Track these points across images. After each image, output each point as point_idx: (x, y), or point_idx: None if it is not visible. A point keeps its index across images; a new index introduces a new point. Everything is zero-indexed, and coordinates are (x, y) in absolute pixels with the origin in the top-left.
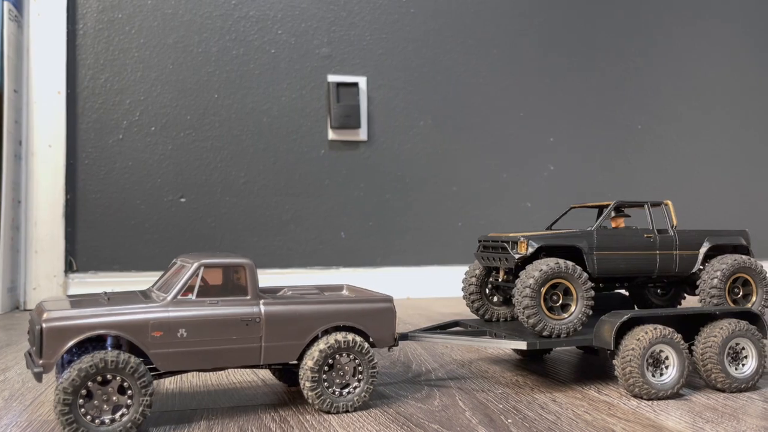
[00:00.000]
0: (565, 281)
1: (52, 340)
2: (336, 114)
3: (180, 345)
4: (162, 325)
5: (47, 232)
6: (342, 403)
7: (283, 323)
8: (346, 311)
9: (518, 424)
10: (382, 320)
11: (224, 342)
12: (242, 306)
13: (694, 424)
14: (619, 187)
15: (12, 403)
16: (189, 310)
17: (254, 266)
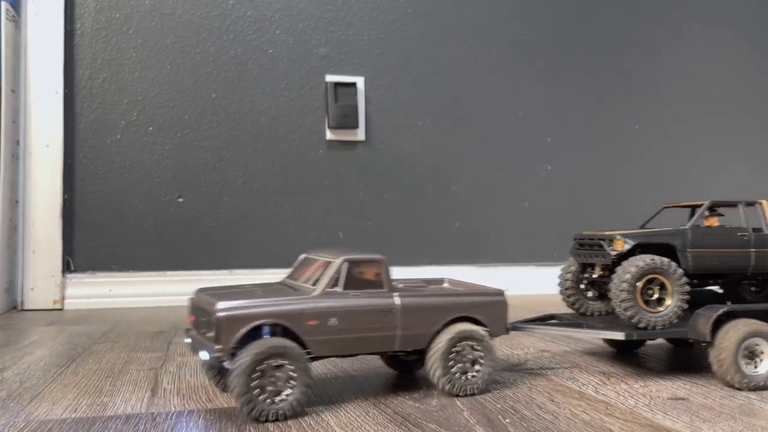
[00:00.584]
0: (660, 276)
1: (228, 328)
2: (334, 114)
3: (331, 332)
4: (316, 314)
5: (45, 232)
6: (468, 386)
7: (415, 313)
8: (468, 303)
9: (516, 424)
10: (497, 312)
11: (367, 330)
12: (380, 297)
13: (692, 424)
14: (617, 187)
15: (9, 404)
16: (338, 301)
17: (386, 261)
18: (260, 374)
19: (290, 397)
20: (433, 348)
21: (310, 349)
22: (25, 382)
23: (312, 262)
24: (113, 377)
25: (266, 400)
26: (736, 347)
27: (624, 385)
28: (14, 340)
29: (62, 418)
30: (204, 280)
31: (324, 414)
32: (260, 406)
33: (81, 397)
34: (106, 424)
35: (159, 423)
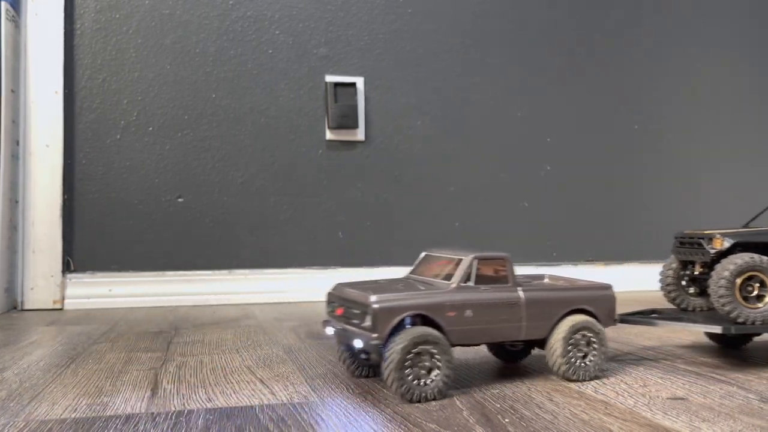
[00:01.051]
0: (760, 274)
1: (384, 319)
2: (334, 114)
3: (467, 323)
4: (455, 306)
5: (45, 232)
6: (583, 372)
7: (537, 306)
8: (582, 297)
9: (515, 423)
10: (606, 304)
11: (497, 321)
12: (507, 291)
13: (691, 423)
14: (617, 187)
15: (9, 403)
16: (471, 294)
17: (510, 258)
18: (412, 360)
19: (436, 380)
20: (554, 337)
21: (449, 338)
22: (25, 382)
23: (436, 260)
24: (113, 377)
25: (416, 382)
26: None
27: (623, 385)
28: (14, 340)
29: (62, 418)
30: (204, 280)
31: (323, 413)
32: (411, 388)
33: (81, 397)
34: (106, 423)
35: (159, 423)
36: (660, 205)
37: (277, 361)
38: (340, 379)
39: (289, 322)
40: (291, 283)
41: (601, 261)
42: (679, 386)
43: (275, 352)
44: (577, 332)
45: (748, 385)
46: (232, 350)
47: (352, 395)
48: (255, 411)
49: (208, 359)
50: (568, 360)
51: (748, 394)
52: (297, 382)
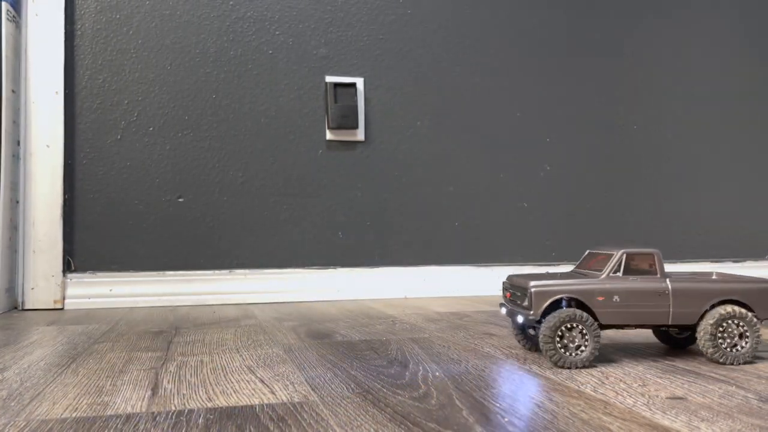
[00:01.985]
0: None
1: (537, 300)
2: (334, 114)
3: (615, 307)
4: (603, 292)
5: (45, 232)
6: (731, 357)
7: (684, 295)
8: (731, 289)
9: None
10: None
11: (644, 306)
12: (654, 282)
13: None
14: (617, 188)
15: (10, 403)
16: (619, 282)
17: (660, 254)
18: (562, 333)
19: (583, 353)
20: (703, 324)
21: (599, 319)
22: (26, 382)
23: (595, 256)
24: (114, 377)
25: (566, 353)
26: None
27: (623, 385)
28: (15, 340)
29: (62, 418)
30: (204, 279)
31: (323, 412)
32: (562, 357)
33: (81, 397)
34: (107, 423)
35: (159, 422)
36: (660, 205)
37: (277, 361)
38: (340, 379)
39: (289, 322)
40: (291, 283)
41: None
42: (679, 386)
43: (275, 351)
44: (725, 321)
45: (748, 384)
46: (232, 350)
47: (352, 395)
48: (255, 410)
49: (208, 359)
50: (714, 345)
51: (747, 394)
52: (297, 382)
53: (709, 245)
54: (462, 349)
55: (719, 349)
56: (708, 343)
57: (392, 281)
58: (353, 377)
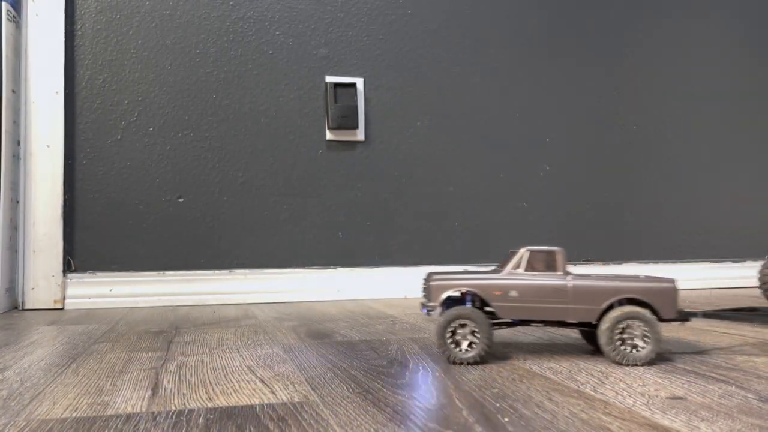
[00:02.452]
0: None
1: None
2: (334, 114)
3: (512, 301)
4: (500, 287)
5: (45, 232)
6: (632, 358)
7: (583, 293)
8: (632, 288)
9: (515, 423)
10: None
11: (542, 302)
12: (554, 279)
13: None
14: (617, 188)
15: (10, 403)
16: (517, 278)
17: (564, 252)
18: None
19: (474, 350)
20: (602, 323)
21: (495, 312)
22: (26, 382)
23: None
24: (114, 377)
25: (456, 348)
26: None
27: (622, 384)
28: (15, 340)
29: (63, 418)
30: (204, 279)
31: (323, 412)
32: (452, 353)
33: (82, 397)
34: (107, 423)
35: (160, 422)
36: (659, 205)
37: (277, 361)
38: (340, 379)
39: (289, 322)
40: (291, 283)
41: (600, 261)
42: (678, 386)
43: (275, 351)
44: (624, 320)
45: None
46: (232, 350)
47: (352, 395)
48: (255, 410)
49: (208, 359)
50: (612, 344)
51: (747, 394)
52: (297, 382)
53: (709, 245)
54: None
55: (616, 349)
56: (606, 342)
57: (392, 281)
58: (353, 377)
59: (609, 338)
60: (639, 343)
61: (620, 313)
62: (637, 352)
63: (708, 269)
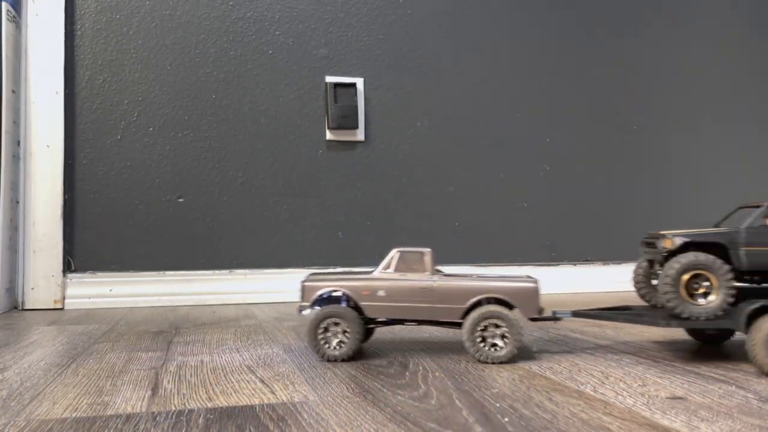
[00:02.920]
0: (705, 272)
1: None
2: (334, 114)
3: (379, 301)
4: (368, 287)
5: (45, 233)
6: (492, 357)
7: (446, 292)
8: (495, 288)
9: (515, 423)
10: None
11: (409, 301)
12: (421, 279)
13: (690, 423)
14: (616, 187)
15: (10, 403)
16: (385, 278)
17: (432, 253)
18: (326, 327)
19: (344, 348)
20: (465, 323)
21: (364, 311)
22: (26, 382)
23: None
24: (114, 377)
25: (326, 345)
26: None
27: (622, 384)
28: (15, 340)
29: (63, 418)
30: (204, 279)
31: (323, 412)
32: (321, 349)
33: (81, 397)
34: (107, 423)
35: (159, 422)
36: (660, 205)
37: (277, 361)
38: (340, 379)
39: (289, 322)
40: (291, 283)
41: (600, 261)
42: (678, 386)
43: (275, 351)
44: (485, 319)
45: (747, 384)
46: (232, 350)
47: (351, 395)
48: (255, 410)
49: (208, 359)
50: (474, 343)
51: (747, 394)
52: (297, 382)
53: None
54: (462, 349)
55: (477, 347)
56: (468, 341)
57: None
58: (353, 377)
59: (470, 337)
60: (498, 342)
61: (480, 312)
62: (496, 351)
63: None
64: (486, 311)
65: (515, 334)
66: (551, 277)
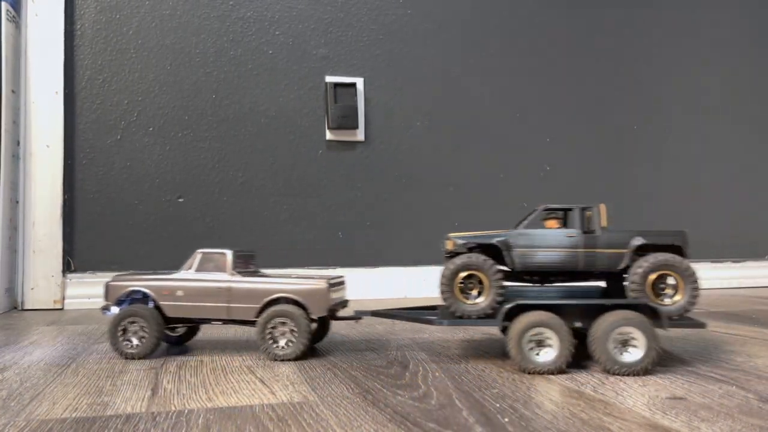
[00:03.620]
0: (478, 273)
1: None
2: (334, 114)
3: (178, 300)
4: (167, 287)
5: (45, 233)
6: (281, 353)
7: (241, 293)
8: (282, 289)
9: (515, 423)
10: (316, 297)
11: (206, 301)
12: (218, 280)
13: (690, 423)
14: (616, 187)
15: (10, 403)
16: (185, 280)
17: (232, 254)
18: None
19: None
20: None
21: (165, 312)
22: (26, 382)
23: None
24: (113, 377)
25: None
26: (518, 335)
27: (623, 385)
28: (14, 340)
29: (62, 418)
30: None
31: (323, 412)
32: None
33: (81, 397)
34: (107, 423)
35: (159, 422)
36: (660, 206)
37: (277, 361)
38: (339, 379)
39: None
40: None
41: None
42: (679, 386)
43: None
44: (274, 318)
45: (748, 384)
46: (232, 350)
47: (351, 395)
48: (255, 410)
49: (208, 359)
50: (263, 341)
51: (747, 394)
52: (297, 382)
53: (709, 245)
54: (462, 349)
55: (265, 344)
56: (258, 338)
57: (392, 281)
58: (353, 377)
59: (261, 335)
60: (281, 341)
61: (269, 312)
62: (281, 350)
63: (708, 269)
64: (274, 311)
65: (302, 332)
66: None
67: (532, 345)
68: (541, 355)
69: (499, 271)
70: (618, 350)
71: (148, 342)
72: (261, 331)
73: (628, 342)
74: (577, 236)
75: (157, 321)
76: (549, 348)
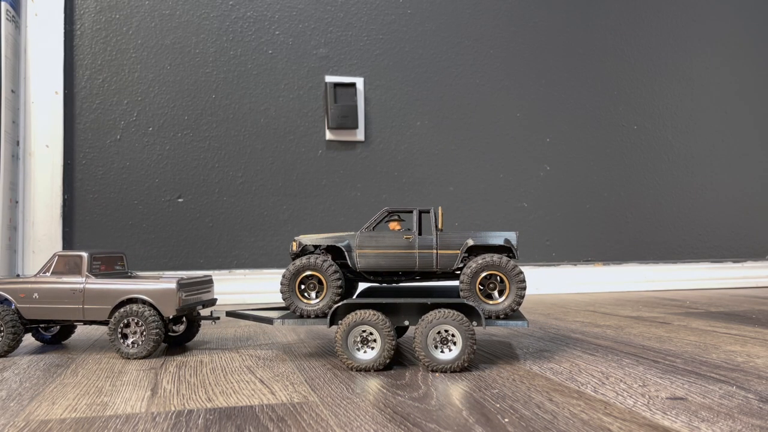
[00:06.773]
0: (315, 273)
1: None
2: (333, 114)
3: (34, 303)
4: (24, 290)
5: (44, 233)
6: (131, 351)
7: (95, 294)
8: (135, 290)
9: (515, 423)
10: (165, 297)
11: (61, 303)
12: (73, 282)
13: (690, 423)
14: (616, 187)
15: (9, 403)
16: (41, 282)
17: (89, 256)
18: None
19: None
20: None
21: (22, 315)
22: (25, 382)
23: None
24: (113, 377)
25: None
26: (343, 334)
27: (623, 385)
28: None
29: (62, 418)
30: None
31: (323, 413)
32: None
33: (81, 397)
34: (106, 423)
35: (159, 423)
36: (660, 205)
37: (277, 361)
38: (340, 379)
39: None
40: None
41: (600, 261)
42: (679, 386)
43: (275, 352)
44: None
45: (748, 385)
46: (232, 350)
47: (351, 395)
48: (255, 411)
49: (208, 359)
50: (114, 339)
51: (747, 394)
52: (297, 382)
53: (709, 245)
54: None
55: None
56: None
57: None
58: (353, 377)
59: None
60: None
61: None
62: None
63: (708, 269)
64: (125, 311)
65: (151, 332)
66: (551, 277)
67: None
68: (365, 352)
69: (336, 271)
70: (438, 348)
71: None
72: (112, 331)
73: (448, 340)
74: (414, 238)
75: (12, 324)
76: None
